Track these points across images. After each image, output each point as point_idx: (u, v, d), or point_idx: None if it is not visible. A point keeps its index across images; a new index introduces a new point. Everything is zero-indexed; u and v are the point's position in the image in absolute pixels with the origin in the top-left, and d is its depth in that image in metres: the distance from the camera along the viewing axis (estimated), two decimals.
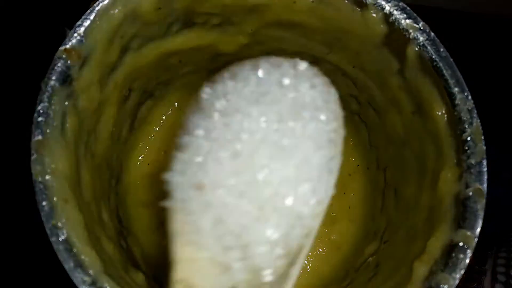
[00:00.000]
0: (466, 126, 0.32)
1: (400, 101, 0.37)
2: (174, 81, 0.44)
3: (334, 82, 0.41)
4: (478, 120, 0.32)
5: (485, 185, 0.31)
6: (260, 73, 0.26)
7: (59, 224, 0.29)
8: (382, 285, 0.34)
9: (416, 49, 0.33)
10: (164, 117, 0.44)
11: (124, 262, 0.34)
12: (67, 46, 0.31)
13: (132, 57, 0.36)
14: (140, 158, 0.43)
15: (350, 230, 0.43)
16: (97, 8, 0.32)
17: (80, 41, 0.31)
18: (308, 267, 0.42)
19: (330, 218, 0.43)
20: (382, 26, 0.34)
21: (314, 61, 0.41)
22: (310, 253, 0.42)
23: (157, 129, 0.44)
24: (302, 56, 0.40)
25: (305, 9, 0.36)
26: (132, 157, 0.43)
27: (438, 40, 0.33)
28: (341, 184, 0.43)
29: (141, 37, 0.36)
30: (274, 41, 0.41)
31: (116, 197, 0.39)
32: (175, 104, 0.45)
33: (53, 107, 0.30)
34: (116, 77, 0.35)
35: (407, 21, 0.33)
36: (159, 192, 0.41)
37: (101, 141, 0.36)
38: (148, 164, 0.43)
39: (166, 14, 0.35)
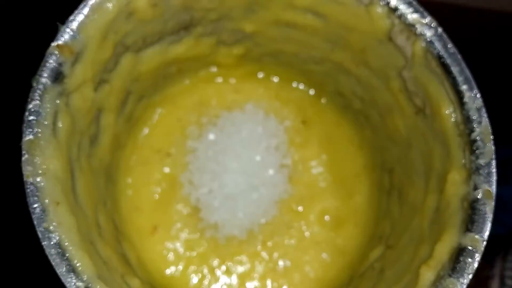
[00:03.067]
0: (475, 126, 0.31)
1: (403, 101, 0.36)
2: (171, 88, 0.43)
3: (337, 81, 0.41)
4: (487, 119, 0.31)
5: (494, 187, 0.30)
6: None
7: (51, 228, 0.28)
8: None
9: (423, 45, 0.32)
10: (159, 116, 0.43)
11: (120, 268, 0.33)
12: (60, 42, 0.30)
13: (129, 62, 0.35)
14: (133, 158, 0.42)
15: (355, 234, 0.42)
16: (90, 2, 0.31)
17: (73, 37, 0.30)
18: (311, 273, 0.41)
19: (336, 222, 0.42)
20: (387, 21, 0.33)
21: (315, 62, 0.41)
22: (314, 259, 0.41)
23: (151, 127, 0.43)
24: (302, 56, 0.40)
25: (307, 4, 0.35)
26: (126, 158, 0.41)
27: (446, 36, 0.32)
28: (348, 187, 0.43)
29: (137, 35, 0.35)
30: (273, 42, 0.40)
31: (112, 201, 0.38)
32: (170, 103, 0.44)
33: (44, 105, 0.29)
34: (112, 82, 0.35)
35: (414, 15, 0.32)
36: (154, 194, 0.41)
37: (100, 147, 0.35)
38: (142, 165, 0.41)
39: (163, 11, 0.34)
